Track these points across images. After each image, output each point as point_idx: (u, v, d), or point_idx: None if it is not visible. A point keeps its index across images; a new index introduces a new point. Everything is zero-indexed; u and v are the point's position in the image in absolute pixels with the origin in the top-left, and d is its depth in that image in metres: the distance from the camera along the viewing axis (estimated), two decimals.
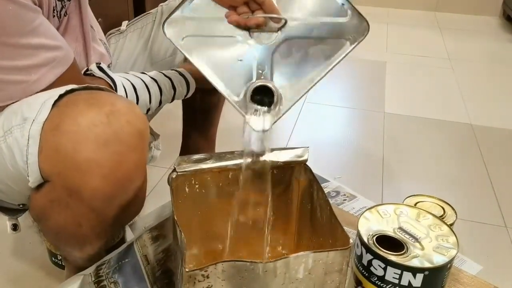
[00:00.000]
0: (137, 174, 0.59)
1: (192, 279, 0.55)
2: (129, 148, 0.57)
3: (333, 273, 0.59)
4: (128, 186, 0.59)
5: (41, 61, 0.63)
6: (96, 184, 0.55)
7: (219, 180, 0.74)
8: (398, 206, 0.80)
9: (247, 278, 0.57)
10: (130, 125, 0.58)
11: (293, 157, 0.73)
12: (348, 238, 0.59)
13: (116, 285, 0.76)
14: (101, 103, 0.58)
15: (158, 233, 0.80)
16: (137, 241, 0.77)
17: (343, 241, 0.60)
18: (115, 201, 0.60)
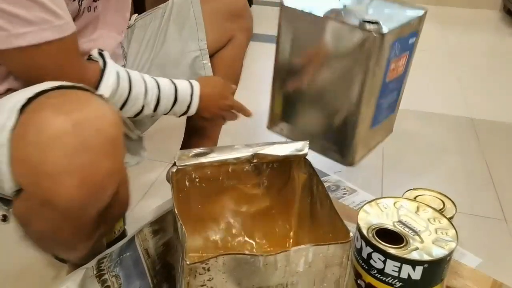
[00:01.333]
0: (110, 181, 0.57)
1: (193, 272, 0.55)
2: (99, 157, 0.54)
3: (333, 266, 0.60)
4: (102, 194, 0.57)
5: (32, 18, 0.60)
6: (67, 194, 0.53)
7: (219, 174, 0.74)
8: (398, 200, 0.80)
9: (247, 271, 0.57)
10: (99, 133, 0.55)
11: (293, 151, 0.73)
12: (348, 231, 0.59)
13: (117, 278, 0.77)
14: (69, 109, 0.55)
15: (158, 227, 0.80)
16: (138, 235, 0.78)
17: (343, 234, 0.60)
18: (90, 209, 0.58)
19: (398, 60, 0.92)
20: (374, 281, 0.72)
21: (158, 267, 0.83)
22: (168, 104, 0.84)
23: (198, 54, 0.95)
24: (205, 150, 0.73)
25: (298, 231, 0.80)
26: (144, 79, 0.80)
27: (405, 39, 0.92)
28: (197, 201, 0.75)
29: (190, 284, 0.56)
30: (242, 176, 0.75)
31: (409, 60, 0.97)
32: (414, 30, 0.94)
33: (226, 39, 0.99)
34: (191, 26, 0.96)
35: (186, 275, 0.55)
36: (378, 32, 0.83)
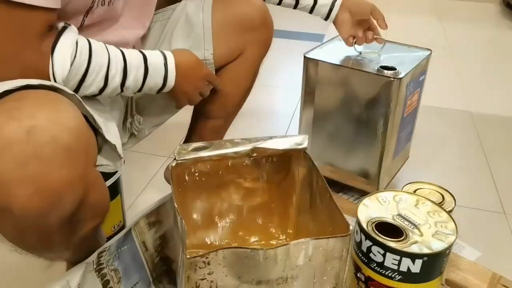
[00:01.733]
0: (69, 189, 0.54)
1: (193, 266, 0.55)
2: (53, 166, 0.51)
3: (333, 260, 0.60)
4: (60, 202, 0.54)
5: None
6: (21, 203, 0.51)
7: (218, 168, 0.74)
8: (397, 193, 0.80)
9: (247, 264, 0.57)
10: (53, 141, 0.52)
11: (292, 145, 0.73)
12: (348, 225, 0.59)
13: (116, 272, 0.77)
14: (25, 115, 0.52)
15: (154, 219, 0.80)
16: (135, 228, 0.78)
17: (343, 228, 0.60)
18: (50, 216, 0.55)
19: (412, 96, 1.04)
20: (374, 274, 0.72)
21: (157, 261, 0.83)
22: (138, 76, 0.72)
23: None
24: (204, 144, 0.73)
25: (297, 225, 0.80)
26: (107, 48, 0.70)
27: (417, 78, 1.04)
28: (196, 195, 0.75)
29: (190, 278, 0.56)
30: (241, 170, 0.75)
31: (420, 95, 1.09)
32: (423, 70, 1.07)
33: (237, 52, 0.91)
34: (197, 33, 0.88)
35: (186, 268, 0.55)
36: (396, 77, 0.93)
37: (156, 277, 0.83)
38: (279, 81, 1.73)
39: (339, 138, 1.06)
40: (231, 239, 0.79)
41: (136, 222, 0.78)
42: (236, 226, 0.79)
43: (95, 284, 0.73)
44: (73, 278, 0.69)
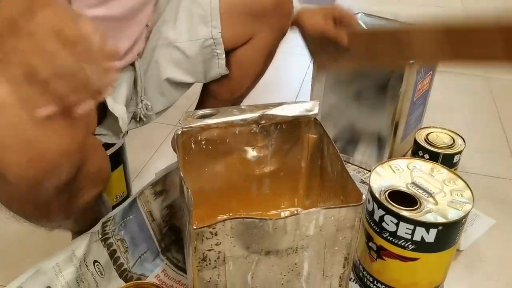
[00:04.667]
0: (64, 159, 0.50)
1: (200, 237, 0.53)
2: (48, 134, 0.48)
3: (345, 230, 0.58)
4: (55, 171, 0.51)
5: None
6: (15, 170, 0.48)
7: (226, 135, 0.71)
8: (411, 161, 0.77)
9: (256, 235, 0.55)
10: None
11: (302, 112, 0.70)
12: (361, 194, 0.57)
13: (123, 242, 0.76)
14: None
15: (161, 188, 0.79)
16: (140, 197, 0.76)
17: (355, 197, 0.58)
18: (46, 185, 0.52)
19: (424, 80, 1.01)
20: (386, 243, 0.70)
21: (165, 230, 0.82)
22: None
23: (210, 43, 0.80)
24: (211, 111, 0.71)
25: (307, 194, 0.78)
26: None
27: None
28: (203, 163, 0.73)
29: (197, 249, 0.54)
30: (249, 137, 0.72)
31: (432, 77, 1.06)
32: None
33: (247, 37, 0.83)
34: (203, 10, 0.80)
35: (193, 239, 0.53)
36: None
37: (165, 247, 0.82)
38: (287, 46, 1.68)
39: (346, 117, 1.05)
40: (239, 208, 0.77)
41: (141, 191, 0.76)
42: (244, 195, 0.77)
43: (102, 254, 0.72)
44: (78, 247, 0.68)
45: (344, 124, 1.05)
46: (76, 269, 0.68)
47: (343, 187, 0.64)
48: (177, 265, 0.81)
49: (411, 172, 0.75)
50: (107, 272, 0.74)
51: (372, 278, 0.75)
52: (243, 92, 0.92)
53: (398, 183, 0.73)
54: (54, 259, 0.66)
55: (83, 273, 0.69)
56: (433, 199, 0.70)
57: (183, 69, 0.80)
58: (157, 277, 0.79)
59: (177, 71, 0.79)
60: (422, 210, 0.68)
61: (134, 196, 0.75)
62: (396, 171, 0.75)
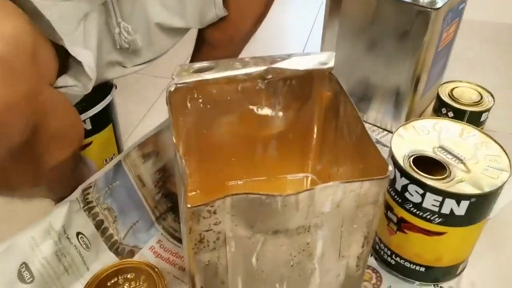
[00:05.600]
0: (11, 113, 0.42)
1: (196, 216, 0.45)
2: None
3: (366, 206, 0.49)
4: (5, 130, 0.43)
5: None
6: None
7: (227, 93, 0.62)
8: (438, 121, 0.68)
9: (262, 213, 0.47)
10: None
11: (316, 65, 0.60)
12: (387, 164, 0.48)
13: (111, 211, 0.68)
14: None
15: (150, 150, 0.70)
16: (125, 160, 0.67)
17: (379, 167, 0.49)
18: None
19: (450, 28, 0.91)
20: (409, 215, 0.62)
21: (158, 197, 0.73)
22: None
23: None
24: (209, 64, 0.60)
25: (319, 158, 0.69)
26: None
27: (456, 8, 0.90)
28: (200, 125, 0.63)
29: (192, 229, 0.46)
30: (254, 95, 0.63)
31: (458, 25, 0.96)
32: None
33: None
34: None
35: (187, 219, 0.45)
36: (433, 7, 0.81)
37: (160, 216, 0.74)
38: None
39: (360, 70, 0.94)
40: (242, 174, 0.69)
41: (127, 153, 0.68)
42: (248, 160, 0.68)
43: (86, 225, 0.65)
44: (55, 219, 0.61)
45: (357, 78, 0.95)
46: (55, 242, 0.61)
47: (363, 153, 0.55)
48: (174, 235, 0.73)
49: (438, 135, 0.66)
50: (94, 244, 0.66)
51: (390, 251, 0.67)
52: (243, 37, 0.81)
53: (424, 147, 0.63)
54: (28, 232, 0.59)
55: (64, 246, 0.62)
56: (464, 166, 0.61)
57: (174, 11, 0.69)
58: (152, 249, 0.71)
59: (167, 15, 0.68)
60: (453, 179, 0.59)
61: (118, 159, 0.67)
62: (421, 133, 0.66)
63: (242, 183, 0.69)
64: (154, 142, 0.69)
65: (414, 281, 0.67)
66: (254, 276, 0.52)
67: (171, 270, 0.69)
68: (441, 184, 0.58)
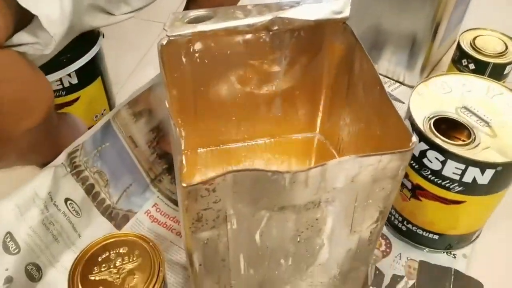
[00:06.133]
0: None
1: (193, 196, 0.40)
2: None
3: (384, 180, 0.44)
4: None
5: None
6: None
7: (226, 46, 0.55)
8: (461, 77, 0.61)
9: (267, 189, 0.41)
10: None
11: (328, 14, 0.53)
12: (409, 134, 0.42)
13: (101, 174, 0.63)
14: None
15: (141, 108, 0.64)
16: (115, 119, 0.61)
17: (400, 136, 0.43)
18: None
19: None
20: (425, 182, 0.57)
21: (153, 158, 0.68)
22: None
23: None
24: (206, 12, 0.53)
25: (329, 120, 0.63)
26: None
27: None
28: (197, 82, 0.57)
29: (189, 208, 0.41)
30: (257, 48, 0.56)
31: None
32: None
33: None
34: None
35: (183, 198, 0.40)
36: None
37: (155, 178, 0.69)
38: None
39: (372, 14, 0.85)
40: (243, 135, 0.63)
41: (116, 112, 0.61)
42: (250, 120, 0.62)
43: (75, 190, 0.60)
44: (40, 185, 0.56)
45: (368, 24, 0.87)
46: (41, 210, 0.56)
47: (380, 117, 0.49)
48: (171, 198, 0.69)
49: (462, 93, 0.59)
50: (85, 210, 0.62)
51: (401, 218, 0.63)
52: None
53: (446, 107, 0.57)
54: (12, 200, 0.54)
55: (52, 214, 0.57)
56: (490, 130, 0.55)
57: None
58: (147, 213, 0.67)
59: None
60: (477, 145, 0.53)
61: (107, 119, 0.61)
62: (443, 91, 0.59)
63: (242, 146, 0.63)
64: (146, 99, 0.63)
65: (425, 247, 0.64)
66: (257, 253, 0.48)
67: (168, 235, 0.65)
68: (465, 151, 0.52)
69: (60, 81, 0.66)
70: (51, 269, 0.58)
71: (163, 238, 0.64)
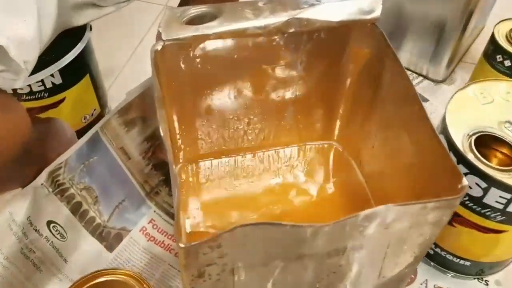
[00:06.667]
0: None
1: (193, 254, 0.32)
2: None
3: (424, 226, 0.36)
4: None
5: None
6: None
7: (233, 50, 0.46)
8: (506, 83, 0.53)
9: (284, 241, 0.34)
10: None
11: (355, 13, 0.44)
12: (460, 176, 0.34)
13: (90, 191, 0.55)
14: None
15: (134, 116, 0.55)
16: (103, 130, 0.53)
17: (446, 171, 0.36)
18: None
19: None
20: (462, 209, 0.49)
21: (148, 170, 0.60)
22: None
23: None
24: (208, 9, 0.45)
25: (348, 129, 0.55)
26: None
27: None
28: (198, 90, 0.49)
29: (189, 267, 0.33)
30: (269, 52, 0.47)
31: None
32: None
33: None
34: None
35: (182, 257, 0.32)
36: None
37: (151, 190, 0.62)
38: None
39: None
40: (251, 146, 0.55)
41: (105, 122, 0.53)
42: (259, 130, 0.54)
43: (59, 212, 0.53)
44: (18, 209, 0.48)
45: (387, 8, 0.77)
46: (19, 238, 0.49)
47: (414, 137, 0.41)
48: (169, 212, 0.61)
49: (505, 103, 0.51)
50: (72, 232, 0.54)
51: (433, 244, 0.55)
52: None
53: (487, 121, 0.49)
54: None
55: (32, 240, 0.50)
56: None
57: None
58: (143, 231, 0.60)
59: None
60: None
61: (94, 131, 0.53)
62: (483, 100, 0.51)
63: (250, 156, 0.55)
64: (139, 105, 0.55)
65: (455, 273, 0.57)
66: None
67: (166, 256, 0.58)
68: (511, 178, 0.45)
69: (41, 82, 0.58)
70: None
71: (160, 261, 0.57)
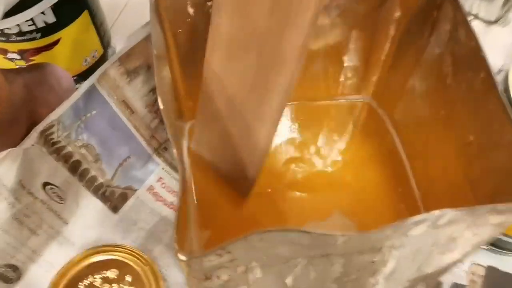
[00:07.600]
0: None
1: (197, 264, 0.26)
2: None
3: (483, 227, 0.30)
4: None
5: None
6: None
7: None
8: None
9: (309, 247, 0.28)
10: None
11: None
12: None
13: (90, 148, 0.49)
14: None
15: (137, 64, 0.48)
16: (101, 82, 0.46)
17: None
18: None
19: None
20: None
21: (155, 124, 0.54)
22: None
23: None
24: None
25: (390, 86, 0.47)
26: None
27: None
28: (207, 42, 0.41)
29: (193, 274, 0.28)
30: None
31: None
32: None
33: None
34: None
35: (182, 267, 0.26)
36: None
37: (159, 146, 0.56)
38: None
39: None
40: None
41: (102, 73, 0.46)
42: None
43: (55, 172, 0.47)
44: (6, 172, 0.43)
45: None
46: (10, 204, 0.44)
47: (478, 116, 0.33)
48: None
49: None
50: (71, 193, 0.49)
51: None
52: None
53: None
54: None
55: (27, 205, 0.45)
56: None
57: None
58: (151, 190, 0.54)
59: None
60: None
61: (89, 84, 0.46)
62: None
63: None
64: (143, 51, 0.47)
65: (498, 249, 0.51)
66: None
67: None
68: None
69: (32, 21, 0.50)
70: (32, 266, 0.48)
71: (169, 223, 0.52)
